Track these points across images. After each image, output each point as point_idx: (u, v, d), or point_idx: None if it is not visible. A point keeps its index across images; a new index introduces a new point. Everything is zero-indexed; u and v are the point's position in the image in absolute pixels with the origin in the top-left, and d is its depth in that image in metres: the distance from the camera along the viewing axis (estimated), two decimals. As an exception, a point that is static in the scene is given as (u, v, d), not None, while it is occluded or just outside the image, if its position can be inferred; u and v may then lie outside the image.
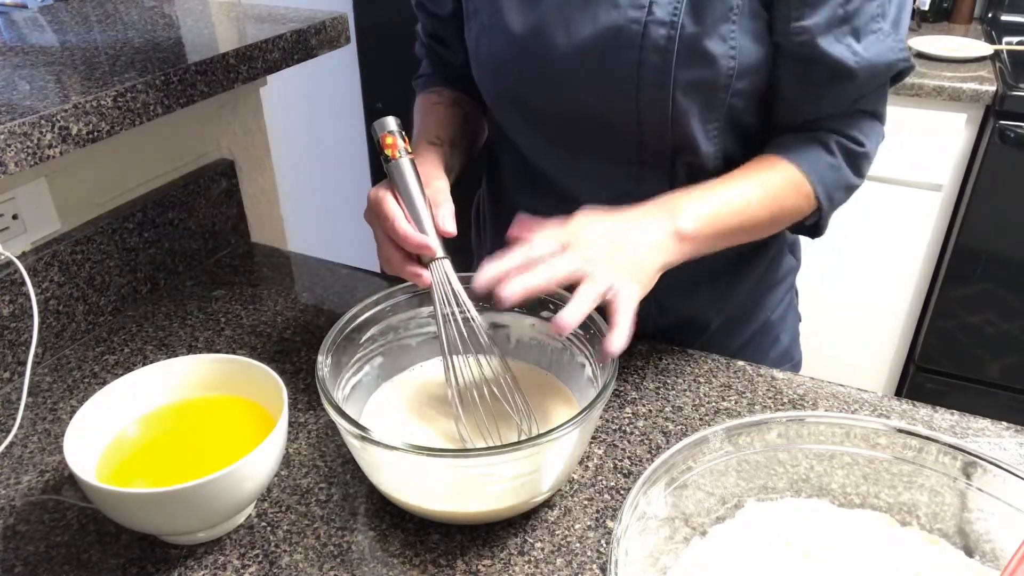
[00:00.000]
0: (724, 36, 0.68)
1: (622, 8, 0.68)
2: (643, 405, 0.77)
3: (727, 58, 0.69)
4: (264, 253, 1.09)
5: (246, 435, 0.65)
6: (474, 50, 0.80)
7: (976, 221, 1.75)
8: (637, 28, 0.68)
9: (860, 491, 0.58)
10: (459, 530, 0.64)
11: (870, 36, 0.69)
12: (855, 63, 0.69)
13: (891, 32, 0.70)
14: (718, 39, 0.68)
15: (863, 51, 0.69)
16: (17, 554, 0.63)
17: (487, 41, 0.77)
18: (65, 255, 0.86)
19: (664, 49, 0.68)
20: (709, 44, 0.68)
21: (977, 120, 1.71)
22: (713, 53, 0.68)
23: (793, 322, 0.98)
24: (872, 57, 0.70)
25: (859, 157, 0.76)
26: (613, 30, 0.69)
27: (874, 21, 0.69)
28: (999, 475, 0.52)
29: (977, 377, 1.92)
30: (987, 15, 2.10)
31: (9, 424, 0.76)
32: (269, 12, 1.10)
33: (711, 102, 0.71)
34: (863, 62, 0.69)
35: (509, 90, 0.79)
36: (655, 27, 0.67)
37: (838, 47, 0.68)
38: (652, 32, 0.67)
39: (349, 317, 0.70)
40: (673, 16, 0.67)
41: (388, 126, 0.69)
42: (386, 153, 0.68)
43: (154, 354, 0.86)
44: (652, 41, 0.68)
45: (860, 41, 0.69)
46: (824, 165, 0.75)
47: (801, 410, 0.76)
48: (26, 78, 0.83)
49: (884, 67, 0.71)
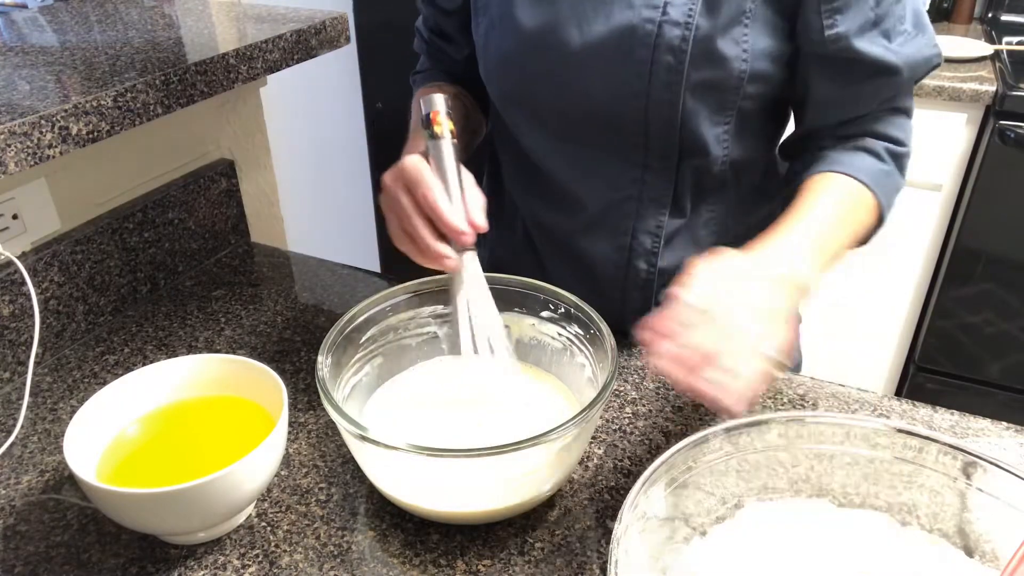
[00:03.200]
0: (736, 39, 0.69)
1: (636, 8, 0.69)
2: (643, 405, 0.77)
3: (739, 60, 0.69)
4: (264, 253, 1.09)
5: (246, 435, 0.65)
6: (482, 46, 0.80)
7: (976, 221, 1.75)
8: (651, 28, 0.68)
9: (860, 491, 0.58)
10: (459, 530, 0.64)
11: (899, 37, 0.71)
12: (896, 59, 0.70)
13: (916, 34, 0.72)
14: (731, 41, 0.69)
15: (899, 48, 0.71)
16: (17, 554, 0.63)
17: (497, 37, 0.77)
18: (65, 255, 0.86)
19: (678, 49, 0.68)
20: (722, 46, 0.68)
21: (977, 120, 1.71)
22: (725, 55, 0.69)
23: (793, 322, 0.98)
24: (911, 53, 0.71)
25: (904, 158, 0.77)
26: (627, 29, 0.69)
27: (900, 23, 0.71)
28: (999, 475, 0.52)
29: (977, 377, 1.92)
30: (987, 15, 2.10)
31: (10, 424, 0.76)
32: (269, 12, 1.10)
33: (721, 104, 0.72)
34: (903, 57, 0.71)
35: (517, 87, 0.79)
36: (669, 27, 0.68)
37: (875, 48, 0.70)
38: (666, 32, 0.68)
39: (349, 317, 0.70)
40: (688, 17, 0.67)
41: (438, 104, 0.67)
42: (434, 129, 0.67)
43: (154, 354, 0.86)
44: (666, 41, 0.68)
45: (892, 41, 0.71)
46: (880, 174, 0.75)
47: (801, 410, 0.76)
48: (26, 78, 0.83)
49: (923, 62, 0.72)
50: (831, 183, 0.73)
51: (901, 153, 0.76)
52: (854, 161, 0.74)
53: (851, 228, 0.71)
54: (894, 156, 0.76)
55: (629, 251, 0.80)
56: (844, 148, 0.76)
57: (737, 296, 0.58)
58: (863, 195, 0.73)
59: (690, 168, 0.76)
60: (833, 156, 0.75)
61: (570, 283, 0.84)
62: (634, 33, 0.69)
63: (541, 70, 0.75)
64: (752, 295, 0.59)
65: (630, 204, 0.78)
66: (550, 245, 0.87)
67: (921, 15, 0.73)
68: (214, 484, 0.56)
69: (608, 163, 0.77)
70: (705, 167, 0.76)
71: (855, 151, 0.75)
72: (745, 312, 0.57)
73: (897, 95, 0.75)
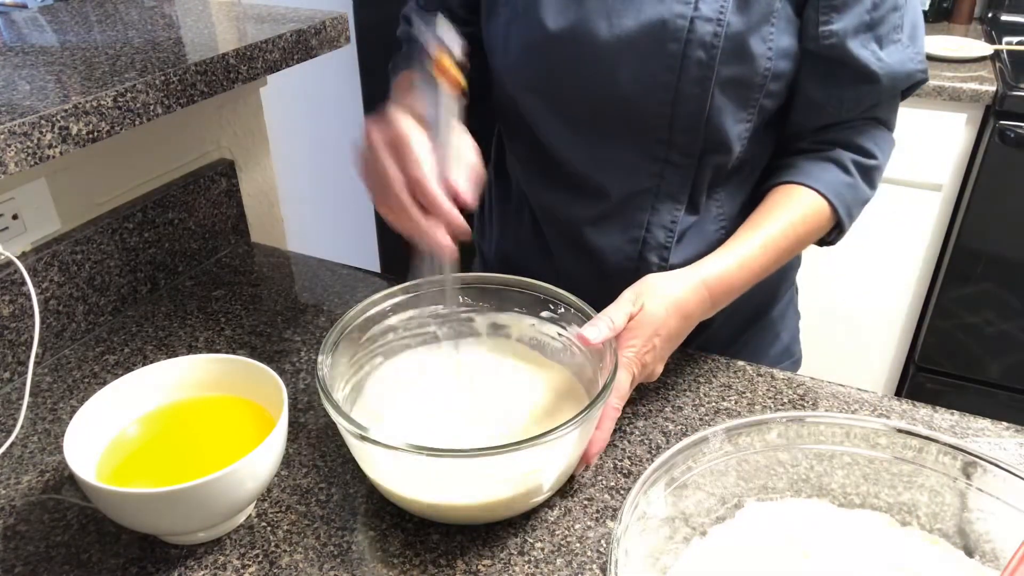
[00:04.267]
0: (764, 37, 0.70)
1: (667, 2, 0.69)
2: (643, 405, 0.77)
3: (765, 59, 0.71)
4: (264, 253, 1.09)
5: (246, 435, 0.65)
6: (502, 38, 0.78)
7: (976, 221, 1.75)
8: (683, 23, 0.69)
9: (860, 491, 0.58)
10: (459, 530, 0.64)
11: (891, 45, 0.73)
12: (878, 68, 0.72)
13: (909, 44, 0.74)
14: (759, 39, 0.70)
15: (886, 57, 0.73)
16: (17, 554, 0.63)
17: (520, 29, 0.76)
18: (65, 255, 0.86)
19: (710, 45, 0.69)
20: (752, 43, 0.70)
21: (977, 120, 1.71)
22: (754, 52, 0.70)
23: (793, 319, 0.98)
24: (894, 64, 0.73)
25: (872, 171, 0.79)
26: (657, 23, 0.69)
27: (895, 31, 0.72)
28: (999, 475, 0.52)
29: (977, 377, 1.92)
30: (987, 15, 2.10)
31: (10, 424, 0.76)
32: (269, 12, 1.10)
33: (745, 101, 0.73)
34: (886, 67, 0.73)
35: (541, 79, 0.78)
36: (702, 23, 0.68)
37: (864, 51, 0.72)
38: (699, 28, 0.68)
39: (349, 317, 0.70)
40: (719, 13, 0.68)
41: (447, 39, 0.56)
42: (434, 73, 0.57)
43: (154, 354, 0.86)
44: (698, 37, 0.69)
45: (883, 48, 0.72)
46: (842, 185, 0.77)
47: (801, 410, 0.76)
48: (26, 78, 0.83)
49: (904, 75, 0.74)
50: (791, 200, 0.76)
51: (870, 166, 0.78)
52: (820, 174, 0.77)
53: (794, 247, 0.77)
54: (862, 169, 0.78)
55: (642, 244, 0.80)
56: (813, 158, 0.78)
57: (663, 351, 0.70)
58: (817, 204, 0.76)
59: (710, 164, 0.77)
60: (800, 166, 0.78)
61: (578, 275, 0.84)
62: (665, 27, 0.69)
63: (568, 61, 0.74)
64: (673, 345, 0.71)
65: (647, 197, 0.79)
66: (559, 236, 0.87)
67: (917, 28, 0.75)
68: (214, 484, 0.56)
69: (628, 156, 0.77)
70: (723, 164, 0.77)
71: (822, 161, 0.78)
72: (662, 359, 0.71)
73: (878, 105, 0.77)
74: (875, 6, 0.70)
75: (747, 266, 0.73)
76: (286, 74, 1.06)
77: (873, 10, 0.70)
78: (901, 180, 1.77)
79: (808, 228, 0.77)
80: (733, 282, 0.73)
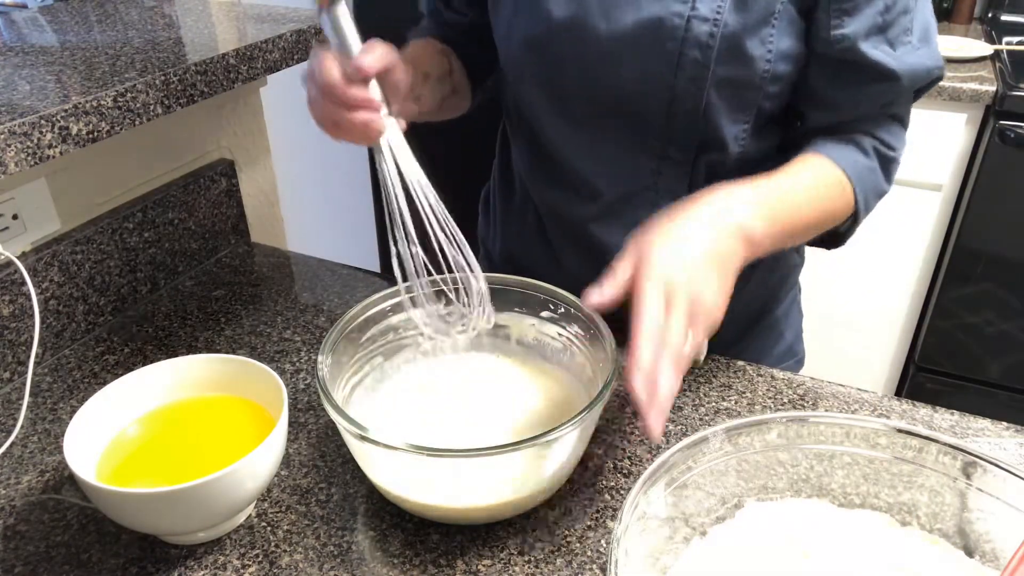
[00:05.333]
0: (763, 39, 0.70)
1: (665, 1, 0.69)
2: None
3: (763, 60, 0.70)
4: (264, 253, 1.09)
5: (246, 435, 0.65)
6: (505, 31, 0.79)
7: (976, 221, 1.75)
8: (680, 22, 0.69)
9: (860, 491, 0.58)
10: (459, 530, 0.64)
11: (901, 48, 0.72)
12: (897, 66, 0.71)
13: (920, 46, 0.73)
14: (758, 41, 0.69)
15: (902, 57, 0.72)
16: (17, 554, 0.63)
17: (522, 22, 0.77)
18: (65, 255, 0.86)
19: (705, 45, 0.69)
20: (749, 44, 0.69)
21: (977, 120, 1.71)
22: (751, 54, 0.70)
23: (796, 318, 0.98)
24: (913, 62, 0.72)
25: (890, 162, 0.78)
26: (655, 21, 0.69)
27: (905, 34, 0.72)
28: (999, 475, 0.52)
29: (977, 377, 1.92)
30: (987, 15, 2.10)
31: (10, 424, 0.76)
32: (269, 12, 1.10)
33: (743, 102, 0.73)
34: (904, 65, 0.72)
35: (542, 72, 0.78)
36: (698, 23, 0.68)
37: (877, 53, 0.71)
38: (695, 27, 0.68)
39: (349, 317, 0.70)
40: (716, 13, 0.68)
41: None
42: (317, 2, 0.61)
43: (154, 354, 0.86)
44: (694, 36, 0.69)
45: (895, 50, 0.71)
46: (863, 167, 0.76)
47: (801, 410, 0.76)
48: (26, 78, 0.83)
49: (924, 72, 0.73)
50: (810, 161, 0.74)
51: (889, 157, 0.77)
52: (840, 151, 0.75)
53: (818, 204, 0.72)
54: (881, 156, 0.77)
55: None
56: (831, 139, 0.76)
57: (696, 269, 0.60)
58: (840, 181, 0.74)
59: (706, 163, 0.77)
60: (820, 143, 0.76)
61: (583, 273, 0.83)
62: (662, 26, 0.69)
63: (568, 56, 0.75)
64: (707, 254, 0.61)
65: (647, 194, 0.79)
66: (563, 234, 0.87)
67: (929, 29, 0.74)
68: (214, 484, 0.56)
69: (627, 152, 0.77)
70: (720, 163, 0.77)
71: (842, 142, 0.76)
72: (709, 283, 0.60)
73: (895, 102, 0.76)
74: (887, 8, 0.69)
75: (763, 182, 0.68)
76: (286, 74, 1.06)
77: (885, 12, 0.69)
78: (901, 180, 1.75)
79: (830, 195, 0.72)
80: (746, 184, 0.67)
